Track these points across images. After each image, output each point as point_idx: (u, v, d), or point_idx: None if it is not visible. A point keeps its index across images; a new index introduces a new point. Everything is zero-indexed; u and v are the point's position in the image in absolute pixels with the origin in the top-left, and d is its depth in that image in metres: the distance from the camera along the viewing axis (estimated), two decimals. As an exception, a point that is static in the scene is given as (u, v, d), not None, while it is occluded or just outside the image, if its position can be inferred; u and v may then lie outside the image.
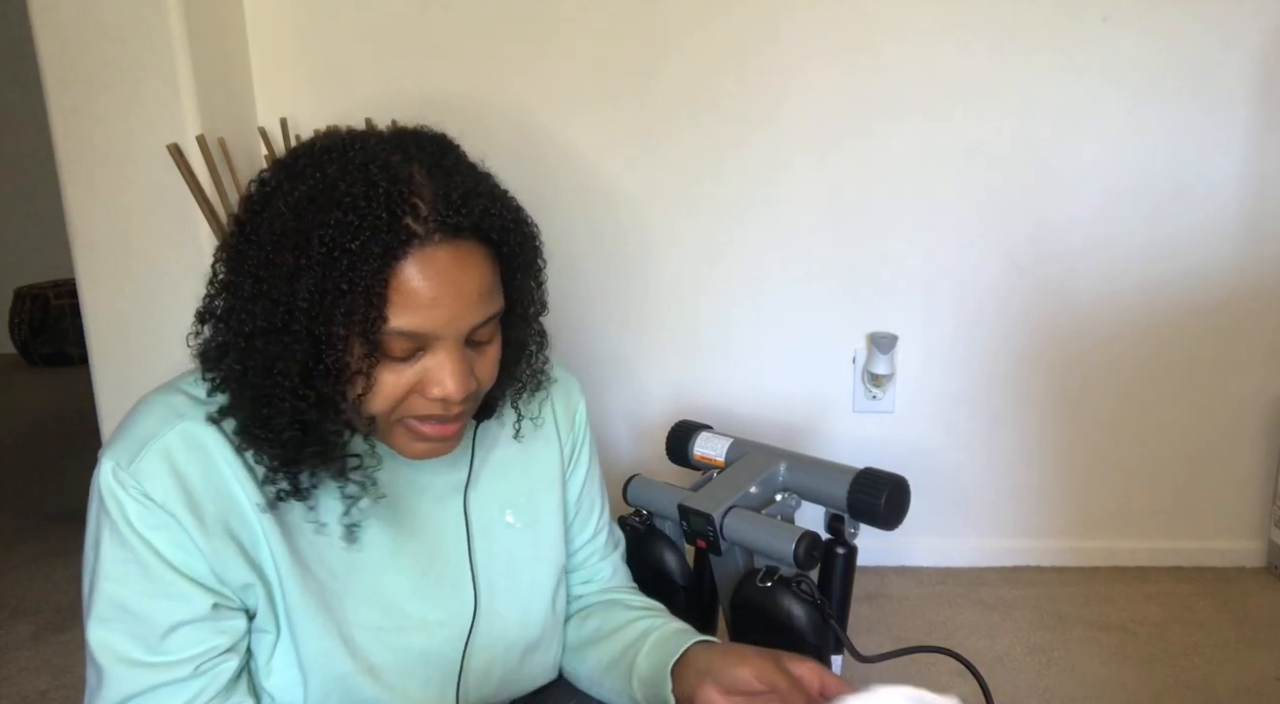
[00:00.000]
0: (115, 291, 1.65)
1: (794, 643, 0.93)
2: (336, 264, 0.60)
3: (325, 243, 0.60)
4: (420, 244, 0.62)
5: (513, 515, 0.81)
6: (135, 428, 0.66)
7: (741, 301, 1.86)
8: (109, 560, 0.65)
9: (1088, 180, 1.77)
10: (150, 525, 0.64)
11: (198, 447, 0.66)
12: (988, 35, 1.71)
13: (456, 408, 0.68)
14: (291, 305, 0.61)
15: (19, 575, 1.98)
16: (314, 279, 0.60)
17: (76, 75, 1.57)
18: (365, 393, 0.64)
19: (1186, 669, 1.55)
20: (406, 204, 0.62)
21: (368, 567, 0.72)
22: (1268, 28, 1.69)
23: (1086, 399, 1.87)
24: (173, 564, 0.65)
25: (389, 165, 0.63)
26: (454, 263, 0.64)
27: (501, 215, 0.67)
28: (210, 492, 0.66)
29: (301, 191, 0.62)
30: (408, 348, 0.64)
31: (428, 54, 1.77)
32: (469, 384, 0.67)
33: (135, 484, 0.64)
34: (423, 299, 0.62)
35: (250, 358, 0.63)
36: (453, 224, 0.63)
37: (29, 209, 4.17)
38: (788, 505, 1.09)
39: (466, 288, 0.64)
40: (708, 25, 1.74)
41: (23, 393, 3.76)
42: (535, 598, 0.82)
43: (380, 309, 0.61)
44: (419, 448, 0.69)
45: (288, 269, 0.61)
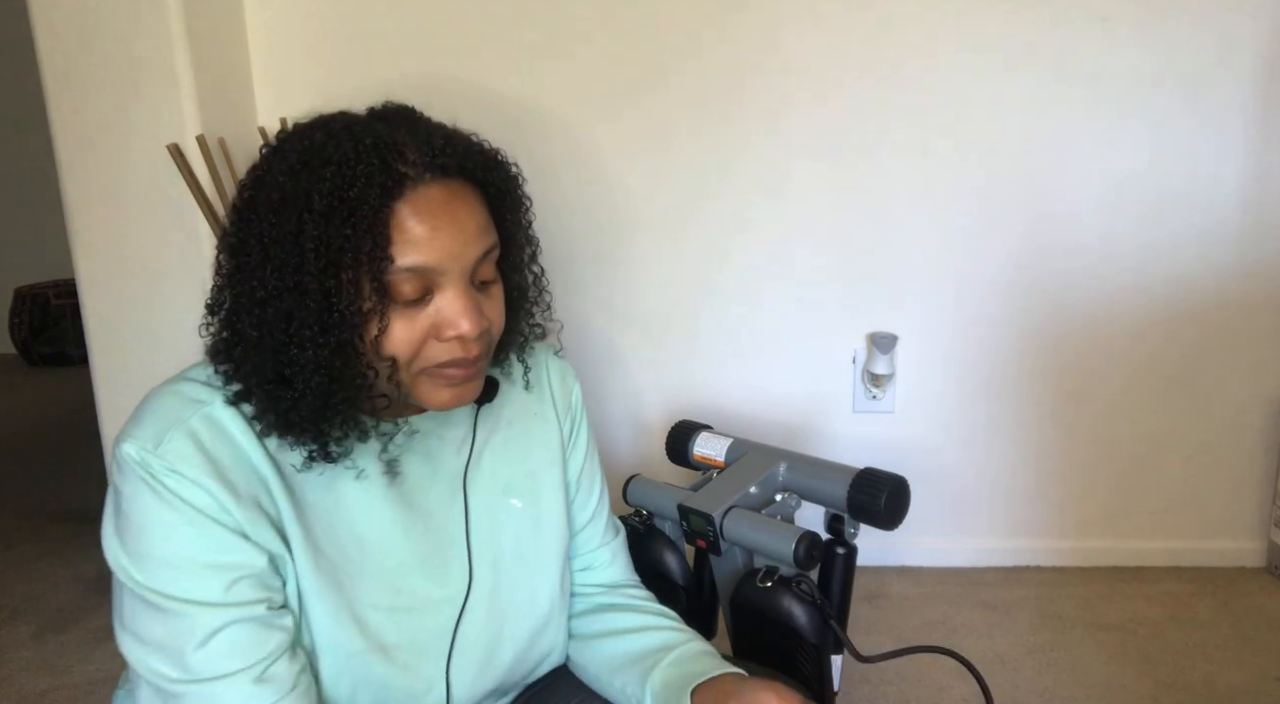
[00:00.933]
0: (115, 292, 1.65)
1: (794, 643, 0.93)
2: (338, 213, 0.64)
3: (324, 195, 0.64)
4: (413, 184, 0.66)
5: (517, 499, 0.83)
6: (155, 415, 0.68)
7: (741, 301, 1.86)
8: (159, 524, 0.65)
9: (1087, 181, 1.77)
10: (190, 495, 0.65)
11: (220, 429, 0.68)
12: (987, 37, 1.71)
13: (474, 348, 0.71)
14: (300, 262, 0.64)
15: (19, 575, 1.98)
16: (318, 231, 0.64)
17: (76, 75, 1.57)
18: (381, 334, 0.67)
19: (1186, 669, 1.55)
20: (394, 151, 0.66)
21: (377, 546, 0.74)
22: (1266, 30, 1.69)
23: (1086, 399, 1.87)
24: (222, 522, 0.66)
25: (370, 126, 0.68)
26: (447, 198, 0.68)
27: (483, 155, 0.73)
28: (237, 469, 0.68)
29: (292, 160, 0.67)
30: (417, 288, 0.67)
31: (428, 54, 1.77)
32: (481, 321, 0.70)
33: (164, 463, 0.65)
34: (423, 234, 0.66)
35: (265, 321, 0.66)
36: (440, 164, 0.68)
37: (29, 209, 4.17)
38: (787, 505, 1.09)
39: (462, 221, 0.69)
40: (710, 29, 1.74)
41: (23, 393, 3.76)
42: (542, 577, 0.84)
43: (384, 249, 0.65)
44: (444, 395, 0.72)
45: (291, 229, 0.64)
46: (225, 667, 0.65)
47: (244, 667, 0.65)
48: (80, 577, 1.96)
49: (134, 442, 0.66)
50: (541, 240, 0.81)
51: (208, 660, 0.65)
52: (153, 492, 0.65)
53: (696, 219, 1.82)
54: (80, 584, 1.92)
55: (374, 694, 0.74)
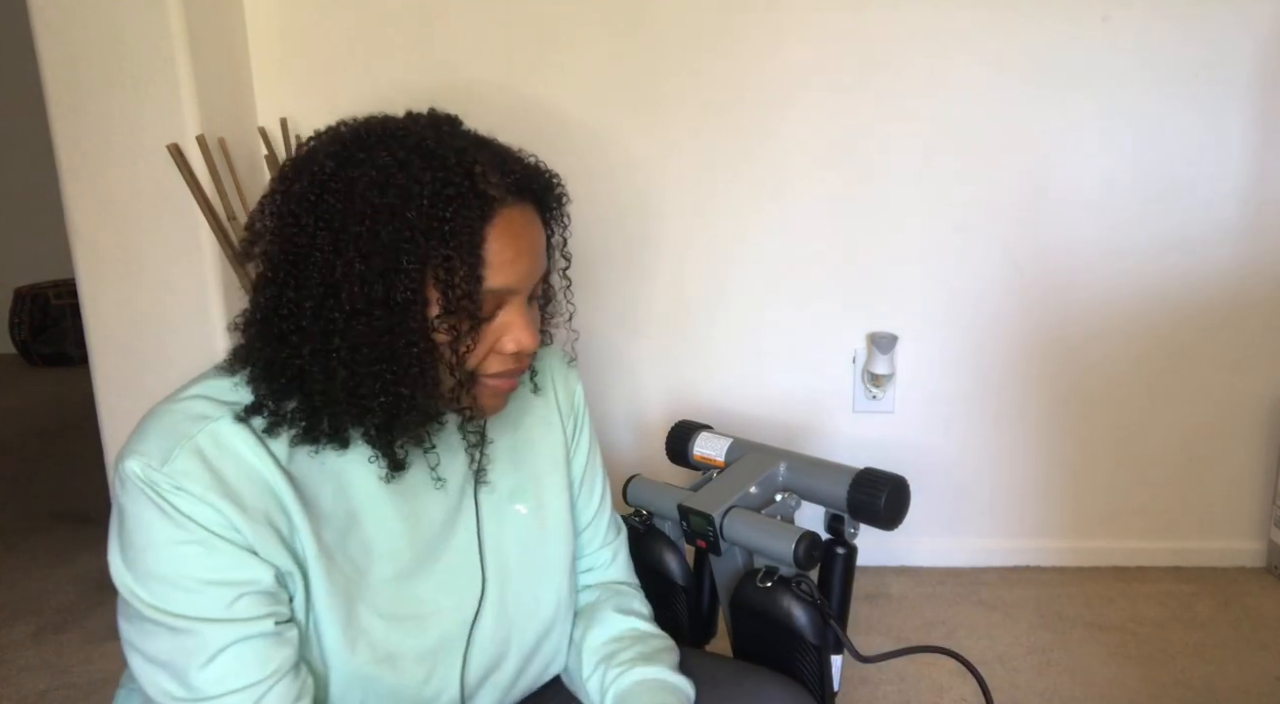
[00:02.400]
0: (115, 291, 1.65)
1: (794, 643, 0.93)
2: (436, 233, 0.65)
3: (423, 215, 0.65)
4: (500, 206, 0.68)
5: (523, 505, 0.84)
6: (160, 431, 0.67)
7: (742, 302, 1.86)
8: (165, 542, 0.64)
9: (1087, 180, 1.77)
10: (197, 513, 0.65)
11: (227, 446, 0.67)
12: (988, 37, 1.71)
13: (525, 361, 0.75)
14: (393, 280, 0.65)
15: (19, 575, 1.98)
16: (417, 251, 0.64)
17: (76, 75, 1.57)
18: (467, 351, 0.69)
19: (1186, 669, 1.55)
20: (477, 172, 0.67)
21: (388, 557, 0.74)
22: (1267, 28, 1.69)
23: (1086, 399, 1.87)
24: (230, 540, 0.65)
25: (441, 141, 0.69)
26: (525, 221, 0.72)
27: (543, 177, 0.76)
28: (246, 484, 0.67)
29: (373, 175, 0.66)
30: (492, 307, 0.70)
31: (428, 54, 1.77)
32: (539, 337, 0.76)
33: (171, 481, 0.64)
34: (509, 257, 0.69)
35: (351, 337, 0.66)
36: (515, 186, 0.70)
37: (29, 209, 4.17)
38: (787, 505, 1.09)
39: (536, 245, 0.73)
40: (716, 34, 1.74)
41: (23, 393, 3.76)
42: (548, 580, 0.85)
43: (479, 270, 0.67)
44: (493, 403, 0.75)
45: (383, 246, 0.64)
46: (230, 684, 0.64)
47: (249, 684, 0.65)
48: (80, 577, 1.96)
49: (139, 458, 0.65)
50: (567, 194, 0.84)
51: (213, 679, 0.64)
52: (159, 509, 0.64)
53: (697, 220, 1.82)
54: (80, 584, 1.92)
55: (384, 702, 0.74)
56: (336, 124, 0.72)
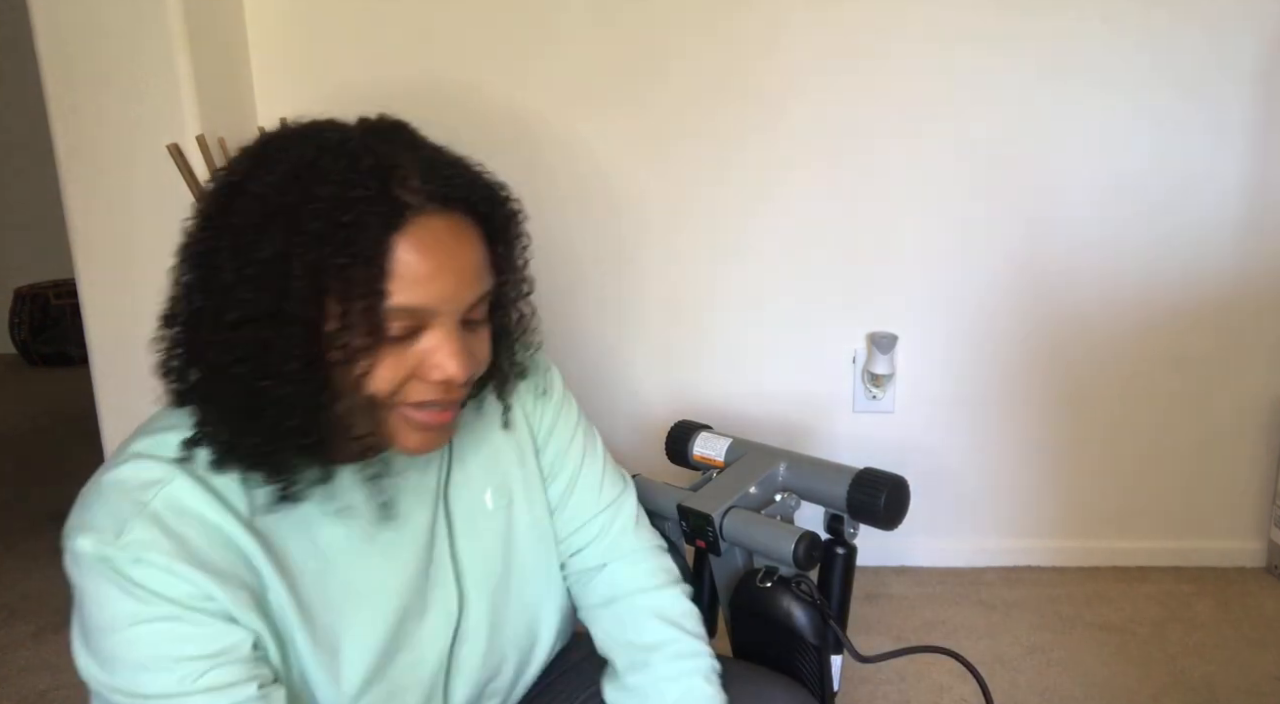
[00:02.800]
0: (115, 292, 1.65)
1: (794, 643, 0.93)
2: (332, 239, 0.58)
3: (319, 217, 0.58)
4: (415, 214, 0.61)
5: (491, 498, 0.80)
6: (110, 503, 0.61)
7: (742, 301, 1.86)
8: (129, 622, 0.59)
9: (1087, 180, 1.77)
10: (163, 583, 0.59)
11: (185, 508, 0.62)
12: (987, 35, 1.71)
13: (457, 391, 0.66)
14: (285, 287, 0.58)
15: (19, 575, 1.98)
16: (311, 257, 0.58)
17: (76, 75, 1.57)
18: (366, 374, 0.61)
19: (1186, 669, 1.55)
20: (396, 176, 0.61)
21: (370, 591, 0.71)
22: (1267, 27, 1.69)
23: (1086, 399, 1.87)
24: (205, 610, 0.61)
25: (367, 142, 0.62)
26: (450, 234, 0.63)
27: (489, 187, 0.68)
28: (213, 546, 0.62)
29: (280, 172, 0.60)
30: (406, 326, 0.62)
31: (428, 54, 1.77)
32: (470, 365, 0.65)
33: (129, 554, 0.59)
34: (422, 272, 0.61)
35: (235, 347, 0.60)
36: (443, 194, 0.62)
37: (29, 209, 4.17)
38: (787, 506, 1.09)
39: (462, 261, 0.64)
40: (709, 28, 1.74)
41: (23, 393, 3.76)
42: (529, 579, 0.82)
43: (380, 284, 0.59)
44: (415, 439, 0.66)
45: (276, 251, 0.58)
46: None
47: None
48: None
49: (90, 535, 0.59)
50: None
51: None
52: (118, 588, 0.59)
53: (697, 219, 1.82)
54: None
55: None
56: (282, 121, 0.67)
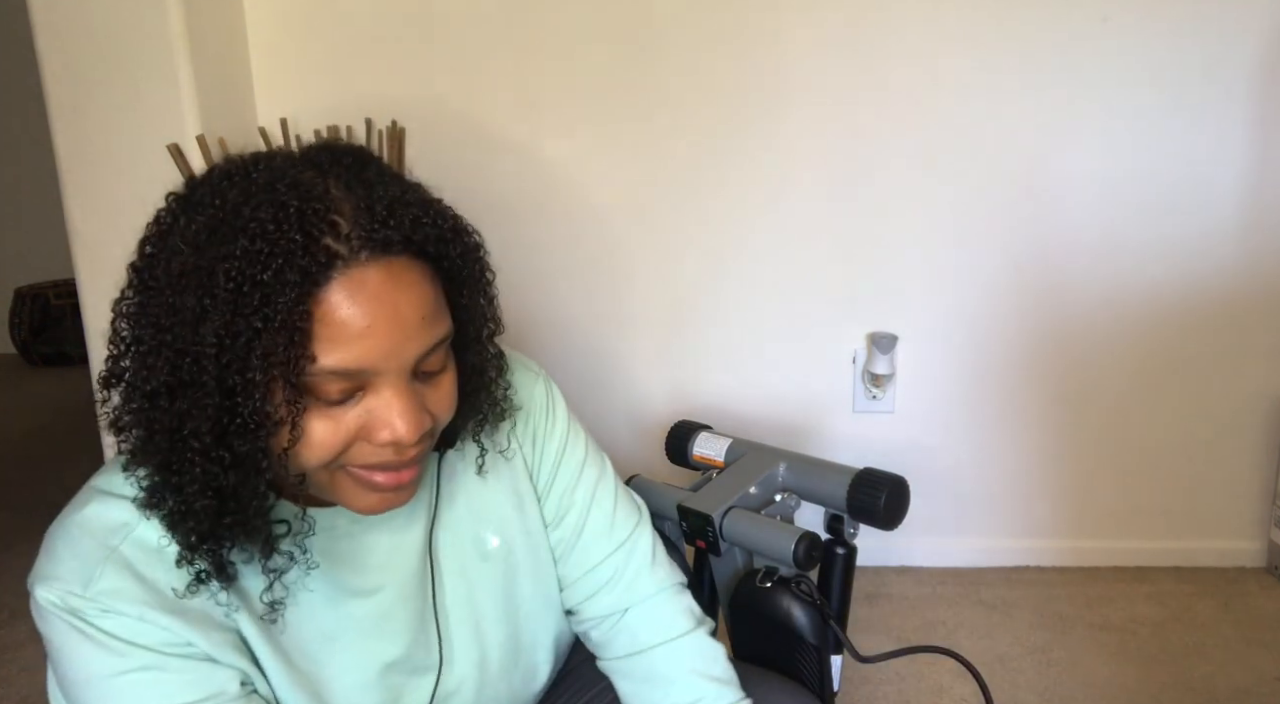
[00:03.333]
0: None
1: (793, 643, 0.93)
2: (247, 300, 0.51)
3: (232, 277, 0.51)
4: (345, 265, 0.53)
5: (483, 546, 0.74)
6: (75, 549, 0.58)
7: (741, 301, 1.86)
8: (105, 676, 0.56)
9: (1088, 180, 1.77)
10: (137, 632, 0.57)
11: (157, 551, 0.58)
12: (987, 36, 1.71)
13: (410, 451, 0.59)
14: (199, 354, 0.52)
15: (19, 575, 1.97)
16: (221, 320, 0.52)
17: (76, 75, 1.57)
18: (292, 446, 0.55)
19: (1186, 669, 1.55)
20: (324, 222, 0.53)
21: (349, 644, 0.67)
22: (1268, 28, 1.69)
23: (1086, 399, 1.87)
24: (184, 655, 0.58)
25: (299, 182, 0.55)
26: (387, 284, 0.55)
27: (437, 225, 0.58)
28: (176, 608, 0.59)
29: (200, 223, 0.54)
30: (345, 389, 0.56)
31: (428, 54, 1.77)
32: (422, 422, 0.58)
33: (97, 605, 0.56)
34: (354, 330, 0.54)
35: (155, 420, 0.55)
36: (380, 239, 0.54)
37: (29, 209, 4.17)
38: (787, 506, 1.09)
39: (404, 312, 0.56)
40: (706, 26, 1.74)
41: (23, 393, 3.76)
42: (525, 621, 0.77)
43: (304, 347, 0.53)
44: (370, 500, 0.60)
45: (191, 314, 0.53)
46: None
47: None
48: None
49: (55, 586, 0.57)
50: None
51: None
52: (90, 640, 0.56)
53: (697, 219, 1.82)
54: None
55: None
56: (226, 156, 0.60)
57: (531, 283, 1.84)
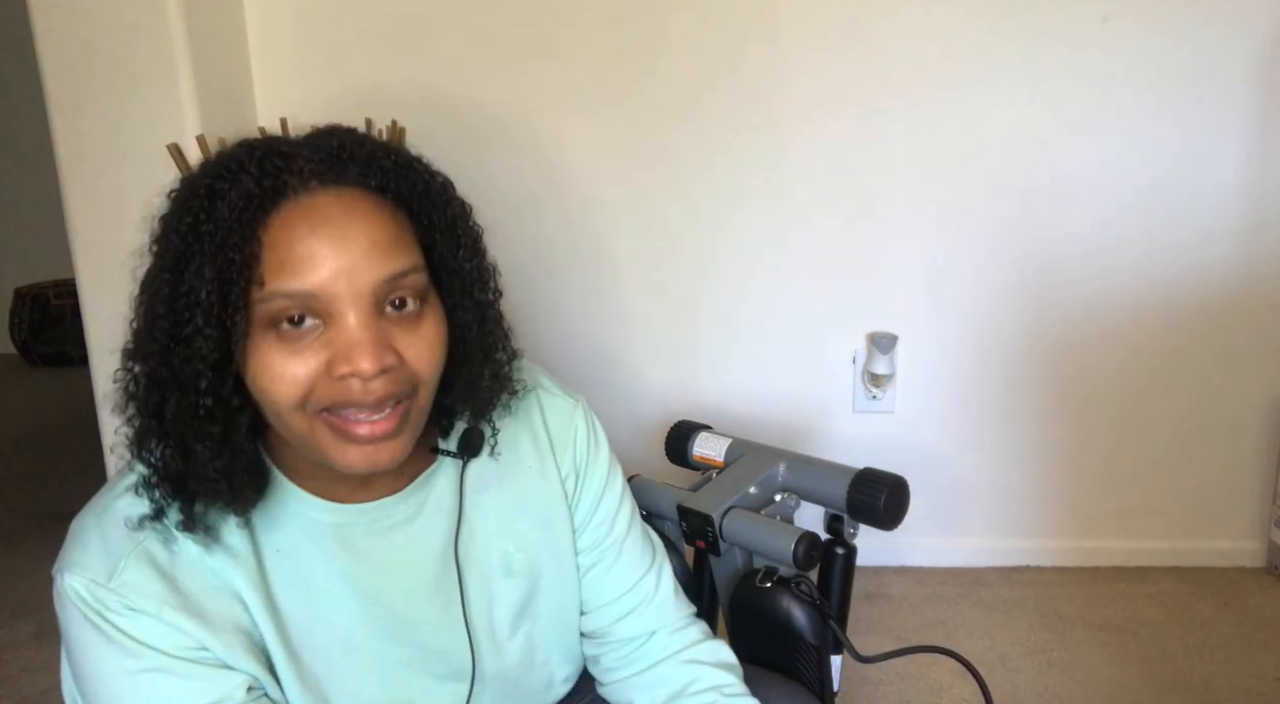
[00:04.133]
0: (115, 292, 1.64)
1: (793, 644, 0.93)
2: (204, 230, 0.54)
3: (194, 212, 0.55)
4: (295, 194, 0.56)
5: (513, 562, 0.73)
6: (104, 542, 0.59)
7: (741, 301, 1.86)
8: (116, 674, 0.57)
9: (1087, 180, 1.77)
10: (152, 634, 0.57)
11: (182, 548, 0.60)
12: (988, 36, 1.71)
13: (375, 388, 0.56)
14: (169, 292, 0.55)
15: (19, 575, 1.98)
16: (180, 249, 0.55)
17: (76, 75, 1.57)
18: (264, 382, 0.56)
19: (1186, 669, 1.55)
20: (279, 156, 0.56)
21: (364, 647, 0.67)
22: (1268, 28, 1.69)
23: (1086, 399, 1.87)
24: (196, 660, 0.58)
25: (267, 139, 0.59)
26: (335, 208, 0.56)
27: (397, 165, 0.60)
28: (205, 590, 0.60)
29: (178, 193, 0.58)
30: (297, 313, 0.55)
31: (428, 53, 1.77)
32: (382, 356, 0.56)
33: (120, 599, 0.57)
34: (300, 252, 0.54)
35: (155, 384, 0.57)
36: (334, 171, 0.57)
37: (29, 209, 4.17)
38: (787, 506, 1.09)
39: (352, 235, 0.56)
40: (705, 25, 1.74)
41: (23, 393, 3.76)
42: (544, 643, 0.77)
43: (253, 269, 0.54)
44: (350, 454, 0.58)
45: (165, 257, 0.56)
46: None
47: None
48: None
49: (80, 574, 0.56)
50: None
51: None
52: (104, 637, 0.56)
53: (697, 219, 1.82)
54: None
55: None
56: None
57: (532, 282, 1.84)
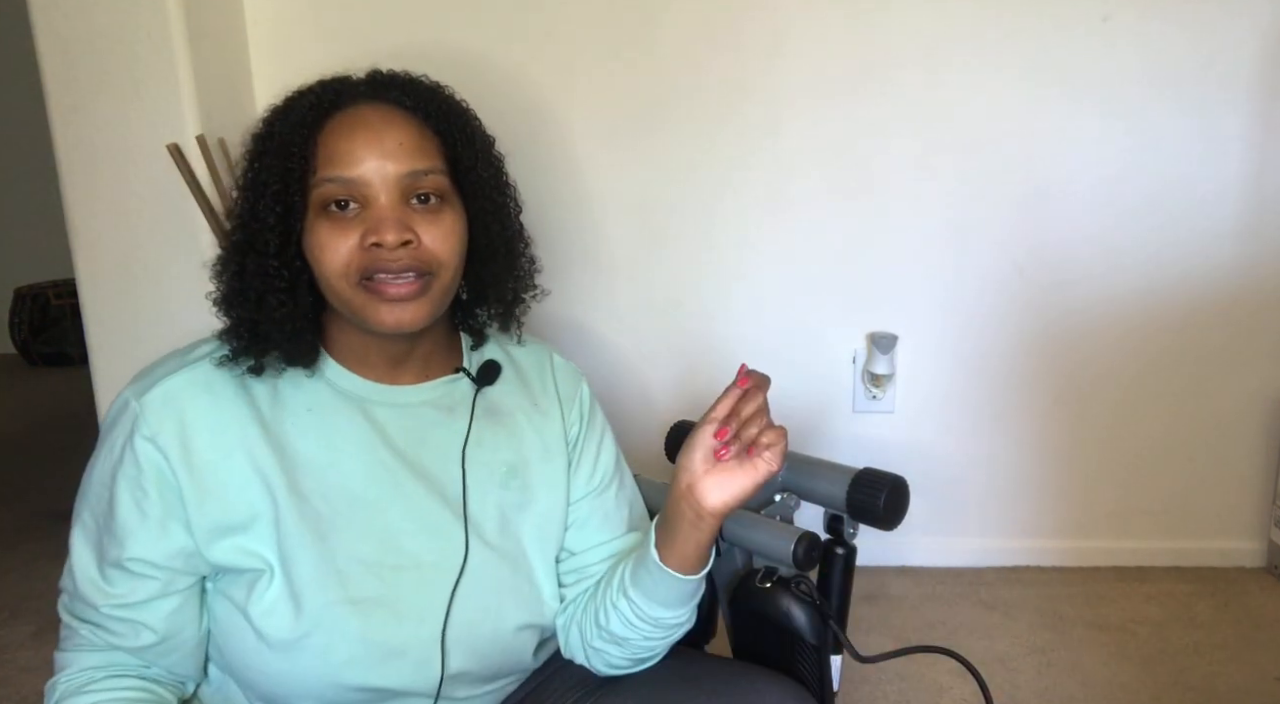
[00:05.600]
0: (115, 292, 1.65)
1: (793, 644, 0.93)
2: (276, 133, 0.73)
3: (269, 122, 0.75)
4: (346, 105, 0.74)
5: (511, 477, 0.84)
6: (154, 369, 0.77)
7: (741, 301, 1.86)
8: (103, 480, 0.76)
9: (1087, 180, 1.77)
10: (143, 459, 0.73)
11: (205, 386, 0.75)
12: (987, 35, 1.71)
13: (400, 257, 0.72)
14: (252, 188, 0.73)
15: (19, 575, 1.98)
16: (264, 156, 0.74)
17: (76, 75, 1.57)
18: (322, 249, 0.72)
19: (1186, 669, 1.55)
20: (342, 82, 0.76)
21: (369, 503, 0.77)
22: (1268, 28, 1.69)
23: (1086, 399, 1.87)
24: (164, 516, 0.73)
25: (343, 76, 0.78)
26: (375, 116, 0.74)
27: (430, 91, 0.79)
28: (209, 429, 0.73)
29: (265, 116, 0.77)
30: (343, 197, 0.72)
31: (428, 54, 1.77)
32: (402, 232, 0.72)
33: (141, 415, 0.73)
34: (344, 148, 0.72)
35: (238, 250, 0.74)
36: (377, 91, 0.75)
37: (29, 209, 4.17)
38: (787, 506, 1.09)
39: (386, 137, 0.73)
40: (712, 33, 1.74)
41: (23, 393, 3.76)
42: (527, 563, 0.83)
43: (310, 162, 0.72)
44: (384, 311, 0.74)
45: (251, 163, 0.75)
46: None
47: None
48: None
49: (129, 388, 0.75)
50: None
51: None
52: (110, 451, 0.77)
53: (697, 218, 1.82)
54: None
55: (350, 650, 0.73)
56: None
57: (531, 283, 1.84)
